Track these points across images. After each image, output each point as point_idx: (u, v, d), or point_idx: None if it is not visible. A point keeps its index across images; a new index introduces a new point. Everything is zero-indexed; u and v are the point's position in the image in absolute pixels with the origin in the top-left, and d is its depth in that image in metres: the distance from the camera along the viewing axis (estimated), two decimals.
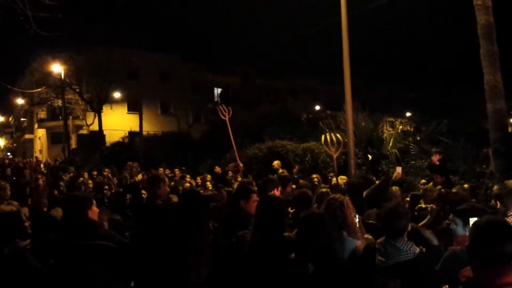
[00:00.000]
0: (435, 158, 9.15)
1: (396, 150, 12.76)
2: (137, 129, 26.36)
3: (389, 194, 6.23)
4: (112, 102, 33.19)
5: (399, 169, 8.40)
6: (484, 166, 10.82)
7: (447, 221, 4.72)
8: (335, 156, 9.09)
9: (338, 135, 9.47)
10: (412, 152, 13.07)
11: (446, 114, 18.98)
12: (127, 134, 31.65)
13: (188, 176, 13.71)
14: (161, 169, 15.44)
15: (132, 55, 32.13)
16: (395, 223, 3.38)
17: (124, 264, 3.96)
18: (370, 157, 12.95)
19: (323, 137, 9.68)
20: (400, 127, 14.47)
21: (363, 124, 13.61)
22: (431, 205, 5.80)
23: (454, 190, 6.24)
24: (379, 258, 3.34)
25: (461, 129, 17.53)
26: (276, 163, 11.97)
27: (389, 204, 4.03)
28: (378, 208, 5.27)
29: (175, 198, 7.24)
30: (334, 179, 9.30)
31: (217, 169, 14.83)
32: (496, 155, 10.25)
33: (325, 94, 38.77)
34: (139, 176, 11.72)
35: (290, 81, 41.98)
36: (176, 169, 15.25)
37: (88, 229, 3.87)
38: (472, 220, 3.24)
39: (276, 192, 5.07)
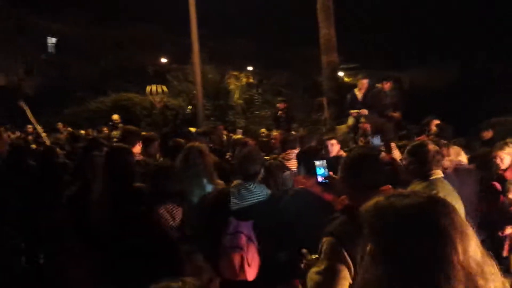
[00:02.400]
0: (282, 106, 9.84)
1: (242, 101, 13.24)
2: None
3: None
4: None
5: (239, 132, 8.85)
6: (320, 114, 11.85)
7: None
8: (158, 106, 9.10)
9: (164, 87, 9.42)
10: (256, 103, 13.70)
11: (283, 68, 20.06)
12: None
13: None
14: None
15: None
16: (249, 167, 3.56)
17: None
18: None
19: (148, 88, 9.51)
20: (245, 79, 14.99)
21: (210, 76, 13.75)
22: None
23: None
24: (234, 201, 3.46)
25: (297, 81, 18.81)
26: (115, 117, 11.50)
27: (244, 149, 4.20)
28: None
29: None
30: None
31: (59, 125, 13.79)
32: (329, 103, 11.29)
33: (171, 46, 37.66)
34: None
35: (133, 31, 39.65)
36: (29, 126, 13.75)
37: None
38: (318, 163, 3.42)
39: (138, 147, 4.81)
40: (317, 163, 3.11)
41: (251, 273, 3.31)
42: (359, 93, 9.11)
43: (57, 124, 13.99)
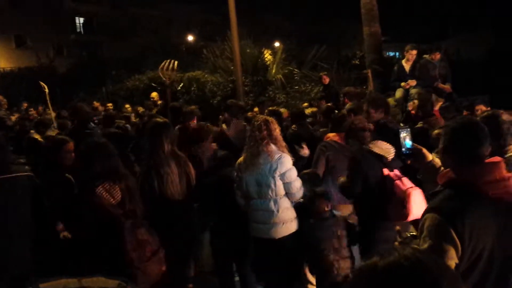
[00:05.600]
0: (326, 80, 9.57)
1: (281, 76, 12.93)
2: None
3: None
4: None
5: None
6: (364, 87, 11.46)
7: None
8: (168, 81, 8.90)
9: (176, 62, 9.13)
10: (296, 78, 13.34)
11: (316, 42, 19.45)
12: None
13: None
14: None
15: None
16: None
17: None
18: None
19: (162, 63, 9.23)
20: (283, 55, 14.49)
21: (248, 51, 13.43)
22: None
23: None
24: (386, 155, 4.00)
25: (331, 55, 18.20)
26: (154, 94, 11.40)
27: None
28: None
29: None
30: None
31: (96, 104, 13.83)
32: (374, 76, 10.90)
33: (200, 24, 37.24)
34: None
35: (164, 9, 39.29)
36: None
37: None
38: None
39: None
40: (402, 133, 2.75)
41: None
42: (406, 65, 8.78)
43: (93, 103, 13.99)
